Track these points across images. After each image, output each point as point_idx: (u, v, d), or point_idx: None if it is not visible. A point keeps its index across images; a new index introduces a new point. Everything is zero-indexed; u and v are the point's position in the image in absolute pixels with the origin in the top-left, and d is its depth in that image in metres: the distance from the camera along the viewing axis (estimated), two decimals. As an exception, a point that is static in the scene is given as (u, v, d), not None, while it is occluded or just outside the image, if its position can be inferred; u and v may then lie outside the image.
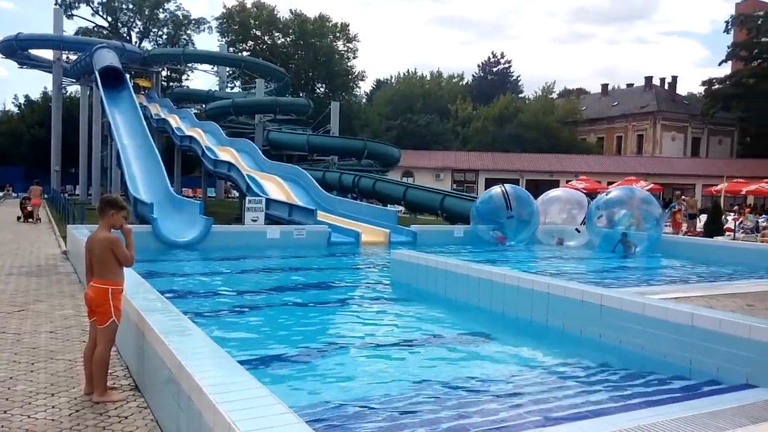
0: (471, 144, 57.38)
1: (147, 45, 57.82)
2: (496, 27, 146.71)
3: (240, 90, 50.88)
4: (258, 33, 62.59)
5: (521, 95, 67.02)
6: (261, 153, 25.39)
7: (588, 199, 18.39)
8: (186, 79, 60.42)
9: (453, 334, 6.92)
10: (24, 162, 50.62)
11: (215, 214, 20.70)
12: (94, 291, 4.40)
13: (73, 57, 36.17)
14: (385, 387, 4.90)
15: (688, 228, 20.55)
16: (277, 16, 61.98)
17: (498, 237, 16.87)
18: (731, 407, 4.21)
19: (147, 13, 60.11)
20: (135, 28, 61.73)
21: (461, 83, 71.19)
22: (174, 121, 29.98)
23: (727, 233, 21.22)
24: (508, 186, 18.07)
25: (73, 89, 49.05)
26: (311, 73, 62.00)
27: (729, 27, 62.45)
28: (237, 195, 30.20)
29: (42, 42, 36.43)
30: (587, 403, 4.56)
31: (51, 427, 3.83)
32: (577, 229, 17.33)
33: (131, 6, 59.78)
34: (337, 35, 62.58)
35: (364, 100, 69.50)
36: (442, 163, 49.55)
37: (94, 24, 60.34)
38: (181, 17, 61.48)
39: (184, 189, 38.68)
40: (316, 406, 4.40)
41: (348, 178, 25.96)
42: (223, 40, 59.70)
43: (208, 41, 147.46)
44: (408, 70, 74.17)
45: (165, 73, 52.60)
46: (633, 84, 69.88)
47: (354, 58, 64.13)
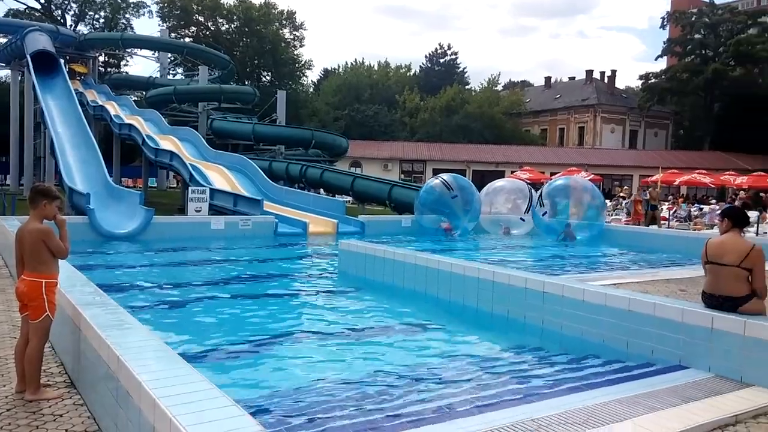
0: (419, 134, 57.66)
1: (83, 29, 55.37)
2: (443, 18, 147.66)
3: (182, 77, 49.49)
4: (201, 19, 60.96)
5: (467, 87, 67.57)
6: (205, 142, 24.82)
7: (530, 188, 18.77)
8: (125, 65, 58.30)
9: (401, 322, 6.96)
10: (-50, 151, 47.89)
11: (157, 204, 20.14)
12: (26, 285, 4.20)
13: (3, 40, 34.35)
14: (332, 377, 4.89)
15: (650, 219, 20.77)
16: (221, 2, 60.49)
17: (445, 227, 17.04)
18: (665, 387, 4.39)
19: (83, -5, 57.64)
20: (70, 10, 58.98)
21: (409, 74, 71.28)
22: (112, 109, 28.94)
23: (662, 222, 22.11)
24: (445, 175, 18.28)
25: (3, 74, 46.68)
26: (257, 61, 60.85)
27: (665, 23, 64.80)
28: (180, 185, 29.45)
29: (-32, 24, 34.43)
30: (531, 387, 4.67)
31: (-20, 428, 3.64)
32: (522, 218, 17.69)
33: (66, -13, 57.18)
34: (283, 23, 61.58)
35: (311, 89, 68.79)
36: (390, 154, 49.66)
37: (25, 5, 57.39)
38: (120, 0, 59.24)
39: (123, 179, 37.47)
40: (262, 397, 4.35)
41: (295, 168, 25.68)
42: (165, 25, 57.84)
43: (148, 26, 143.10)
44: (356, 59, 73.68)
45: (102, 59, 50.63)
46: (575, 77, 71.68)
47: (301, 46, 63.31)
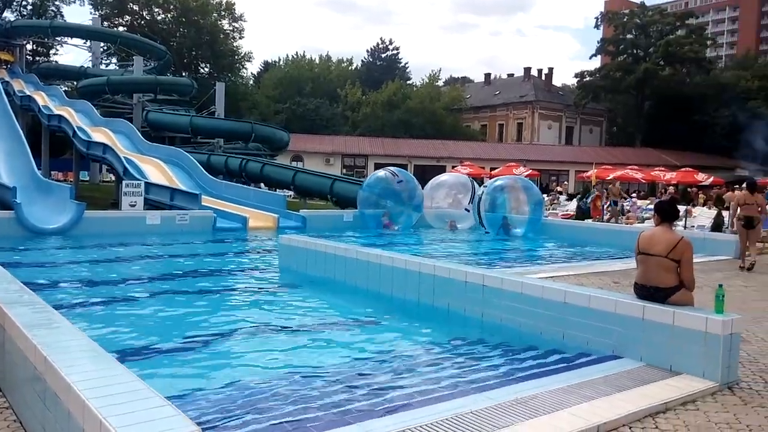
0: (360, 129, 57.66)
1: (9, 15, 52.59)
2: (384, 13, 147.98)
3: (116, 67, 47.71)
4: (135, 7, 58.83)
5: (409, 82, 68.01)
6: (140, 134, 24.04)
7: (473, 182, 19.05)
8: (55, 54, 55.70)
9: (342, 318, 6.93)
10: None
11: (89, 199, 19.35)
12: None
13: None
14: (271, 374, 4.82)
15: (611, 215, 21.05)
16: (157, -10, 58.59)
17: (385, 223, 17.05)
18: (599, 377, 4.54)
19: (8, -20, 54.64)
20: (-6, -5, 55.95)
21: (350, 68, 71.16)
22: (41, 99, 27.66)
23: (596, 216, 22.87)
24: (390, 168, 18.46)
25: None
26: (194, 52, 59.27)
27: (599, 23, 67.16)
28: (113, 179, 28.42)
29: None
30: (471, 381, 4.73)
31: None
32: (467, 209, 17.92)
33: (-11, -29, 54.07)
34: (222, 14, 60.21)
35: (251, 82, 67.65)
36: (331, 148, 49.47)
37: (-56, -11, 54.00)
38: (49, -14, 56.48)
39: (53, 172, 35.80)
40: (199, 396, 4.24)
41: (235, 161, 25.21)
42: (97, 13, 55.54)
43: (79, 14, 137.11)
44: (297, 52, 73.13)
45: (30, 47, 48.21)
46: (513, 74, 73.27)
47: (240, 38, 62.08)
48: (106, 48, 47.51)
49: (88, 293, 7.80)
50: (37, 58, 51.82)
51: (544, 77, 68.29)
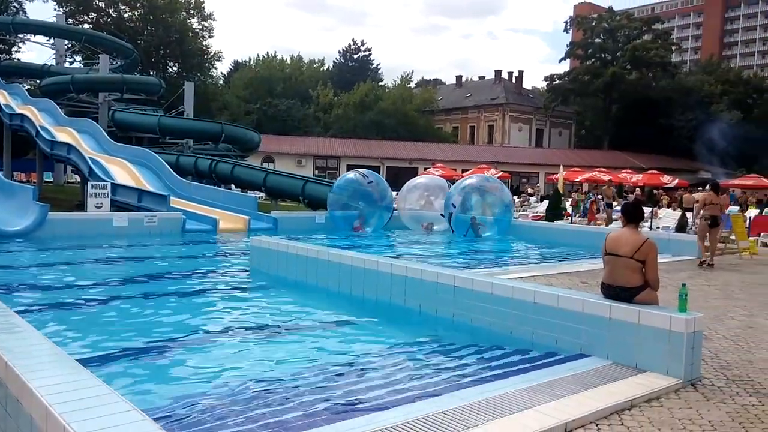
0: (332, 130, 57.53)
1: (-32, 11, 51.21)
2: (356, 14, 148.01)
3: (81, 66, 46.77)
4: (101, 5, 57.78)
5: (381, 83, 68.12)
6: (106, 134, 23.56)
7: (450, 184, 19.13)
8: (17, 51, 54.37)
9: (313, 320, 6.90)
10: None
11: (53, 200, 18.92)
12: None
13: None
14: (241, 377, 4.77)
15: (606, 218, 21.15)
16: (124, -13, 57.60)
17: (355, 226, 16.93)
18: (567, 376, 4.60)
19: (-33, -25, 53.19)
20: (-48, -10, 54.39)
21: (322, 69, 70.97)
22: (2, 98, 26.90)
23: (566, 217, 23.24)
24: (360, 170, 18.45)
25: None
26: (162, 51, 58.38)
27: (568, 27, 68.30)
28: (79, 180, 27.84)
29: None
30: (441, 381, 4.75)
31: None
32: (442, 214, 17.97)
33: (-53, -35, 52.53)
34: (191, 12, 59.48)
35: (221, 82, 66.94)
36: (303, 149, 49.26)
37: None
38: (11, -18, 55.11)
39: (15, 173, 34.96)
40: (166, 401, 4.17)
41: (204, 162, 24.90)
42: (61, 10, 54.38)
43: (43, 10, 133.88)
44: (267, 52, 72.49)
45: (-9, 44, 47.04)
46: (484, 77, 73.99)
47: (210, 37, 61.31)
48: (70, 46, 46.56)
49: (51, 297, 7.62)
50: (-1, 55, 50.52)
51: (514, 80, 69.09)
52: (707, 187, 13.08)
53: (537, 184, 46.50)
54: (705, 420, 3.90)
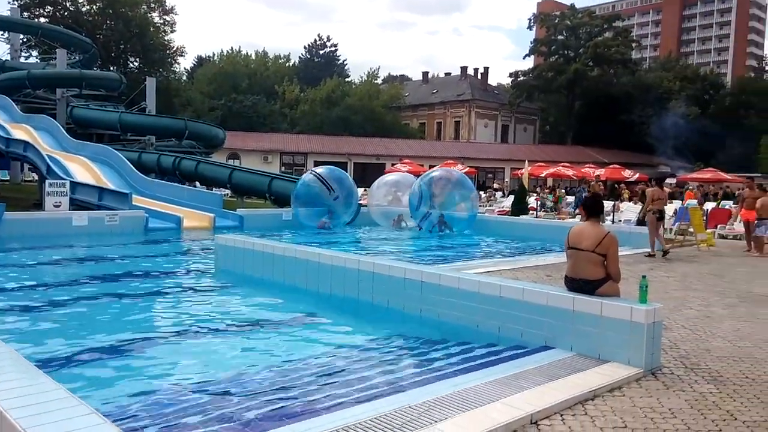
0: (299, 126, 57.13)
1: None
2: (322, 10, 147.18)
3: (38, 61, 45.43)
4: (59, -2, 56.32)
5: (348, 79, 67.86)
6: (64, 131, 22.95)
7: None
8: (-30, 46, 52.69)
9: (281, 317, 6.86)
10: None
11: (10, 199, 18.36)
12: None
13: None
14: (206, 377, 4.72)
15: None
16: (81, -20, 56.12)
17: (318, 225, 16.67)
18: (533, 368, 4.67)
19: None
20: None
21: (288, 64, 70.35)
22: (-46, 94, 26.00)
23: (531, 212, 23.53)
24: (320, 168, 18.11)
25: None
26: (123, 46, 57.10)
27: (531, 24, 69.04)
28: (36, 178, 27.08)
29: None
30: (410, 375, 4.78)
31: None
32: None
33: None
34: (152, 6, 58.28)
35: (184, 77, 65.81)
36: (269, 146, 48.80)
37: None
38: (-38, -27, 53.20)
39: (-30, 172, 33.90)
40: (128, 404, 4.09)
41: (167, 159, 24.46)
42: (16, 3, 52.75)
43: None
44: (231, 48, 71.19)
45: (-58, 38, 45.40)
46: (450, 73, 74.39)
47: (172, 32, 60.14)
48: (26, 40, 45.22)
49: (8, 299, 7.40)
50: (-50, 50, 48.77)
51: (480, 76, 69.62)
52: (652, 183, 13.70)
53: (503, 179, 46.96)
54: (665, 408, 4.00)
